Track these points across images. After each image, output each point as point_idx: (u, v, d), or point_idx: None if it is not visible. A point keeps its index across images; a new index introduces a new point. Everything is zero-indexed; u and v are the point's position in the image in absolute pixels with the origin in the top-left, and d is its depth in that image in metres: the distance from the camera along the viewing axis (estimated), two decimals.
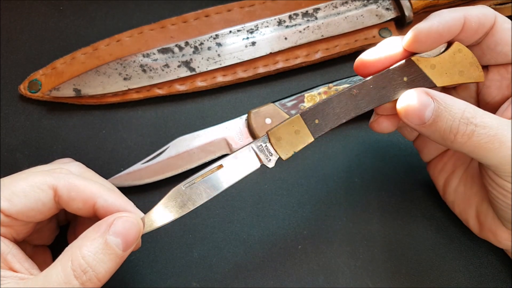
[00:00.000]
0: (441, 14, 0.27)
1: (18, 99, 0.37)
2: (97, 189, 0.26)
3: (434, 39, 0.27)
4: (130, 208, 0.26)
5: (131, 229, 0.24)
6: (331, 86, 0.36)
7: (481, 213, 0.30)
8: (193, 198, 0.26)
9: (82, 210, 0.26)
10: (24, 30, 0.39)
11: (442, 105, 0.25)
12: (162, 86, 0.37)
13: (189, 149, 0.34)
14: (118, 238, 0.23)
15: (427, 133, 0.26)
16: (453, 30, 0.27)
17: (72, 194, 0.25)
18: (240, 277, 0.32)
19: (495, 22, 0.27)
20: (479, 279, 0.32)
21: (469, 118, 0.25)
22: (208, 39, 0.37)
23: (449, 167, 0.32)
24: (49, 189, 0.25)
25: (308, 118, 0.27)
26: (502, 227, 0.29)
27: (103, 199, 0.25)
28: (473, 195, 0.31)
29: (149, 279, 0.31)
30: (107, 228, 0.23)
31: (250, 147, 0.27)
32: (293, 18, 0.38)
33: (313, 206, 0.34)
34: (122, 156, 0.35)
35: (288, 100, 0.36)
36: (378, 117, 0.30)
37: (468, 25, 0.27)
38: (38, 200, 0.24)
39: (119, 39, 0.37)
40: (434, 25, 0.26)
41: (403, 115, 0.26)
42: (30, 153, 0.35)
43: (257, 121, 0.35)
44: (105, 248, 0.23)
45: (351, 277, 0.32)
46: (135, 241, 0.24)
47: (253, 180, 0.35)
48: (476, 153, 0.25)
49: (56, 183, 0.25)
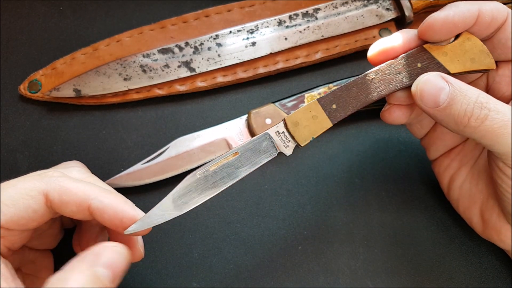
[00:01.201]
0: (457, 5, 0.27)
1: (18, 100, 0.37)
2: (90, 191, 0.24)
3: (449, 29, 0.27)
4: (128, 208, 0.25)
5: (118, 260, 0.22)
6: (331, 86, 0.36)
7: (486, 210, 0.30)
8: (209, 187, 0.25)
9: (77, 213, 0.24)
10: (24, 30, 0.39)
11: (457, 89, 0.25)
12: (162, 86, 0.37)
13: (189, 149, 0.34)
14: (106, 270, 0.22)
15: (441, 117, 0.26)
16: (468, 22, 0.27)
17: (64, 198, 0.24)
18: (240, 278, 0.32)
19: (507, 17, 0.27)
20: (480, 279, 0.32)
21: (483, 103, 0.25)
22: (208, 39, 0.37)
23: (455, 164, 0.32)
24: (39, 195, 0.23)
25: (325, 103, 0.27)
26: (507, 225, 0.29)
27: (98, 200, 0.24)
28: (478, 192, 0.31)
29: (149, 279, 0.31)
30: (94, 259, 0.22)
31: (267, 133, 0.27)
32: (293, 18, 0.38)
33: (313, 207, 0.34)
34: (122, 156, 0.35)
35: (288, 100, 0.35)
36: (391, 106, 0.30)
37: (482, 18, 0.27)
38: (29, 208, 0.23)
39: (119, 39, 0.37)
40: (450, 15, 0.27)
41: (418, 97, 0.26)
42: (30, 153, 0.35)
43: (257, 121, 0.35)
44: (93, 281, 0.21)
45: (351, 277, 0.32)
46: (123, 273, 0.23)
47: (253, 180, 0.35)
48: (488, 139, 0.25)
49: (47, 188, 0.24)
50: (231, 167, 0.25)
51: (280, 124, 0.27)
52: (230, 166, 0.25)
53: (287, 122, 0.27)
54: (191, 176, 0.25)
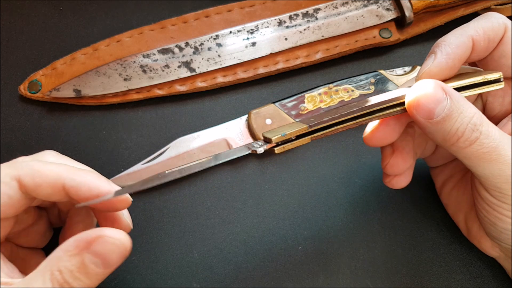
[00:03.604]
0: (447, 45, 0.25)
1: (18, 100, 0.37)
2: (63, 171, 0.24)
3: (447, 75, 0.26)
4: (102, 183, 0.24)
5: (113, 251, 0.22)
6: (332, 86, 0.36)
7: (469, 220, 0.31)
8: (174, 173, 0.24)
9: (53, 195, 0.24)
10: (24, 30, 0.39)
11: (455, 105, 0.24)
12: (162, 86, 0.37)
13: (189, 149, 0.34)
14: (97, 259, 0.22)
15: (430, 129, 0.25)
16: (463, 58, 0.26)
17: (36, 180, 0.23)
18: (240, 278, 0.32)
19: (505, 32, 0.26)
20: (480, 280, 0.32)
21: (477, 125, 0.24)
22: (208, 39, 0.37)
23: (448, 171, 0.32)
24: (12, 181, 0.23)
25: None
26: (486, 237, 0.30)
27: (70, 178, 0.24)
28: (463, 202, 0.31)
29: (149, 279, 0.31)
30: (86, 245, 0.22)
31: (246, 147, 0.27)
32: (294, 18, 0.38)
33: (313, 207, 0.34)
34: (122, 156, 0.35)
35: (289, 100, 0.35)
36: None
37: (477, 46, 0.26)
38: (4, 195, 0.23)
39: (119, 40, 0.37)
40: (443, 62, 0.25)
41: (414, 105, 0.24)
42: (30, 153, 0.35)
43: (258, 121, 0.35)
44: (82, 267, 0.21)
45: (352, 278, 0.32)
46: (118, 263, 0.22)
47: (253, 180, 0.35)
48: (471, 160, 0.25)
49: (18, 173, 0.23)
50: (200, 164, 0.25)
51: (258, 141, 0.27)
52: (199, 164, 0.25)
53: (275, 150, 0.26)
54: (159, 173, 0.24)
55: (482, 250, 0.31)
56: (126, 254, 0.23)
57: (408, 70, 0.37)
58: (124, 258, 0.23)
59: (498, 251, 0.30)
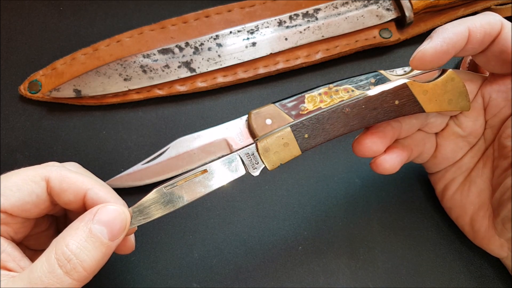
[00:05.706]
0: (445, 30, 0.27)
1: (18, 100, 0.37)
2: (88, 181, 0.25)
3: (440, 58, 0.27)
4: (119, 203, 0.25)
5: (116, 218, 0.23)
6: (332, 86, 0.36)
7: (476, 221, 0.31)
8: (173, 200, 0.25)
9: (73, 202, 0.25)
10: (24, 30, 0.39)
11: None
12: (163, 86, 0.37)
13: (190, 149, 0.34)
14: (103, 227, 0.23)
15: None
16: (458, 45, 0.26)
17: (63, 185, 0.25)
18: (240, 278, 0.32)
19: (501, 29, 0.26)
20: (480, 280, 0.32)
21: None
22: (208, 39, 0.37)
23: (449, 175, 0.32)
24: (42, 181, 0.25)
25: (298, 131, 0.27)
26: (495, 236, 0.30)
27: (94, 191, 0.25)
28: (469, 204, 0.31)
29: (149, 279, 0.31)
30: (91, 217, 0.23)
31: (237, 154, 0.27)
32: (294, 18, 0.38)
33: (314, 207, 0.34)
34: (123, 156, 0.35)
35: (289, 100, 0.35)
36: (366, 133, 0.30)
37: (473, 37, 0.26)
38: (32, 193, 0.24)
39: (119, 40, 0.37)
40: (438, 45, 0.26)
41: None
42: (30, 153, 0.35)
43: (258, 121, 0.35)
44: (89, 237, 0.22)
45: (352, 278, 0.32)
46: (122, 231, 0.24)
47: (253, 181, 0.35)
48: None
49: (48, 174, 0.25)
50: (198, 183, 0.26)
51: (252, 146, 0.27)
52: (197, 183, 0.26)
53: (258, 146, 0.27)
54: (157, 190, 0.25)
55: (490, 251, 0.31)
56: (127, 224, 0.24)
57: (408, 70, 0.37)
58: (125, 229, 0.24)
59: (507, 250, 0.30)
